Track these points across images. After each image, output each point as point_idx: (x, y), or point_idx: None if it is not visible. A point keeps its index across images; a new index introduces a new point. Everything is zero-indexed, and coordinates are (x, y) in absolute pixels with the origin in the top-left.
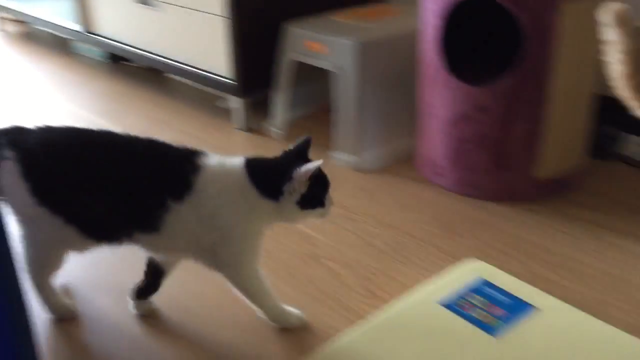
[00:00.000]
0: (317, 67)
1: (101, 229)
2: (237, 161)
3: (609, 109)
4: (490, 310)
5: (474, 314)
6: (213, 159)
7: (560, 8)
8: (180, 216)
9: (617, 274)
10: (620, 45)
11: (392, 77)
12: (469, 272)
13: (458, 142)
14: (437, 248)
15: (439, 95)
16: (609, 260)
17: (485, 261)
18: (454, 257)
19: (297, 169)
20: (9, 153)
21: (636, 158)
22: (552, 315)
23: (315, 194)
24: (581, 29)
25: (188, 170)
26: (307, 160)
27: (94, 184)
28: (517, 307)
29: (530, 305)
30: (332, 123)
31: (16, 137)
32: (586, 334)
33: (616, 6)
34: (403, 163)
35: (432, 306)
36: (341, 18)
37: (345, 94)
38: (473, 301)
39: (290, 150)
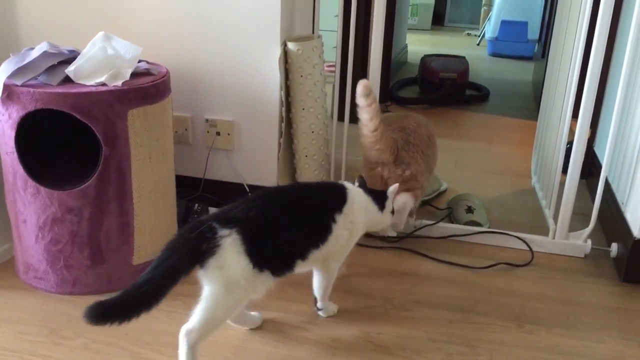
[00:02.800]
0: None
1: (290, 263)
2: (354, 186)
3: (194, 187)
4: None
5: None
6: (345, 184)
7: (126, 115)
8: (338, 224)
9: (210, 339)
10: (369, 106)
11: None
12: None
13: (53, 244)
14: (42, 357)
15: (27, 202)
16: None
17: (92, 358)
18: None
19: (388, 190)
20: (227, 230)
21: None
22: None
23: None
24: (150, 128)
25: (343, 192)
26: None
27: (296, 224)
28: None
29: None
30: None
31: (223, 216)
32: None
33: (364, 82)
34: (2, 272)
35: None
36: None
37: None
38: None
39: (362, 183)
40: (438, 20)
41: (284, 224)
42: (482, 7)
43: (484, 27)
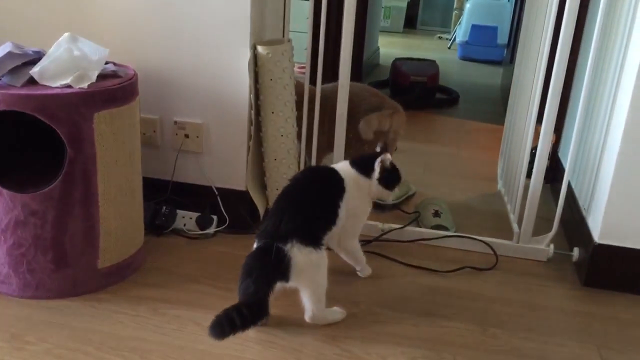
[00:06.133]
0: None
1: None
2: (344, 168)
3: (162, 189)
4: None
5: None
6: (339, 166)
7: (92, 117)
8: (342, 210)
9: (177, 344)
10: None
11: None
12: None
13: (15, 247)
14: None
15: None
16: (170, 332)
17: None
18: None
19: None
20: (288, 244)
21: (186, 230)
22: None
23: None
24: (116, 131)
25: (341, 180)
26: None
27: (321, 213)
28: None
29: None
30: None
31: (279, 234)
32: None
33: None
34: None
35: None
36: None
37: None
38: None
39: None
40: (410, 23)
41: (315, 217)
42: (453, 11)
43: (455, 30)
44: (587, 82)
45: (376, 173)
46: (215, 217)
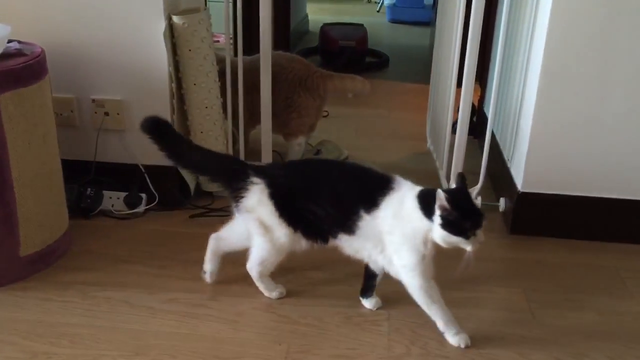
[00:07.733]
0: None
1: (318, 233)
2: (409, 187)
3: (85, 171)
4: None
5: None
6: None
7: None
8: (364, 222)
9: (108, 325)
10: None
11: None
12: None
13: None
14: None
15: None
16: (100, 315)
17: None
18: None
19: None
20: (259, 180)
21: (114, 210)
22: None
23: None
24: (26, 113)
25: (384, 192)
26: None
27: (320, 199)
28: None
29: None
30: None
31: (260, 168)
32: None
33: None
34: None
35: None
36: None
37: None
38: None
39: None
40: None
41: (310, 195)
42: None
43: None
44: (503, 35)
45: (437, 215)
46: (144, 195)
